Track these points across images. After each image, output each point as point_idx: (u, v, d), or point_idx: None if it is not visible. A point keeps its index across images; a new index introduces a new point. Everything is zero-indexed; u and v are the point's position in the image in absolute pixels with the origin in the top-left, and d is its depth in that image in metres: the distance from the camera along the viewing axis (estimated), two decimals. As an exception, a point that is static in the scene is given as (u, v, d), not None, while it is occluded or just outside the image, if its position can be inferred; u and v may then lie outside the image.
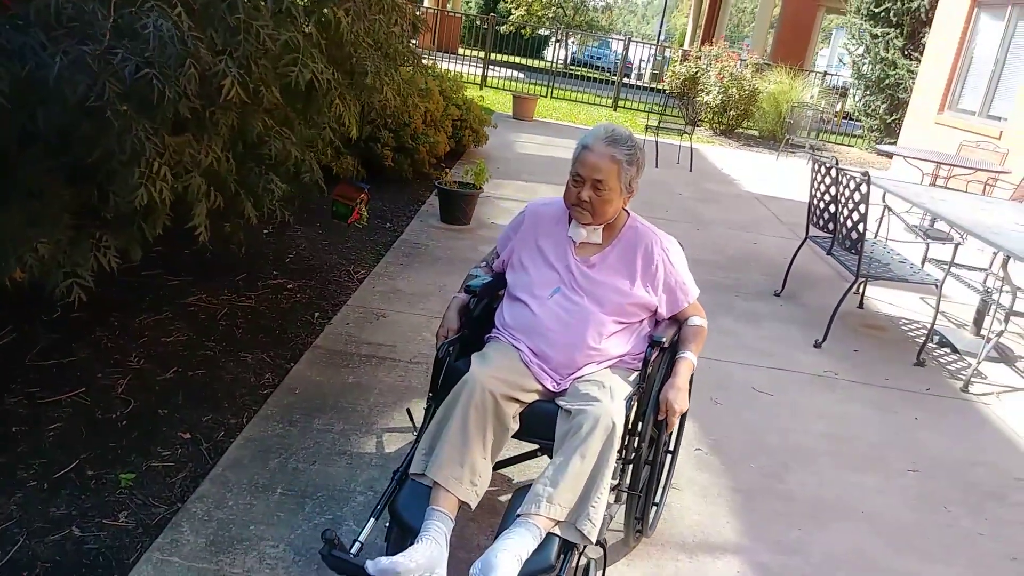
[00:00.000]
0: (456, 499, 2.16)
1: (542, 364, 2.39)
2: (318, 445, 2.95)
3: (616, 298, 2.46)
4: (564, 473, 2.12)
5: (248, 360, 3.50)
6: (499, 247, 2.72)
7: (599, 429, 2.16)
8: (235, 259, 4.45)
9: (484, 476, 2.22)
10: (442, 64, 12.96)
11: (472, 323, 2.60)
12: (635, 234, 2.54)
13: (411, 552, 1.98)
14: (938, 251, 6.18)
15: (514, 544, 2.01)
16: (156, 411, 3.02)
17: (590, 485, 2.13)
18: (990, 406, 4.17)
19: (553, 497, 2.09)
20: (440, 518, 2.11)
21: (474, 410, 2.21)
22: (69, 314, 3.47)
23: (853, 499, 3.13)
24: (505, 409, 2.27)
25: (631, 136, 2.47)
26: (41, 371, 3.15)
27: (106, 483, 2.59)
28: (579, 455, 2.14)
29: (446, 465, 2.17)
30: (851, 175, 4.60)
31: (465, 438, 2.20)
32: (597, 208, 2.43)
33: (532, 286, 2.50)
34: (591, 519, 2.10)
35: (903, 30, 14.28)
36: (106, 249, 2.64)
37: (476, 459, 2.20)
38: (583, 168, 2.41)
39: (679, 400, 2.34)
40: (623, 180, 2.43)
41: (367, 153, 6.65)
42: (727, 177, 10.43)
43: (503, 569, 1.93)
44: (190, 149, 2.54)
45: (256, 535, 2.45)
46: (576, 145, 2.48)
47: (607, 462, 2.15)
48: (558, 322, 2.41)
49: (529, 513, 2.08)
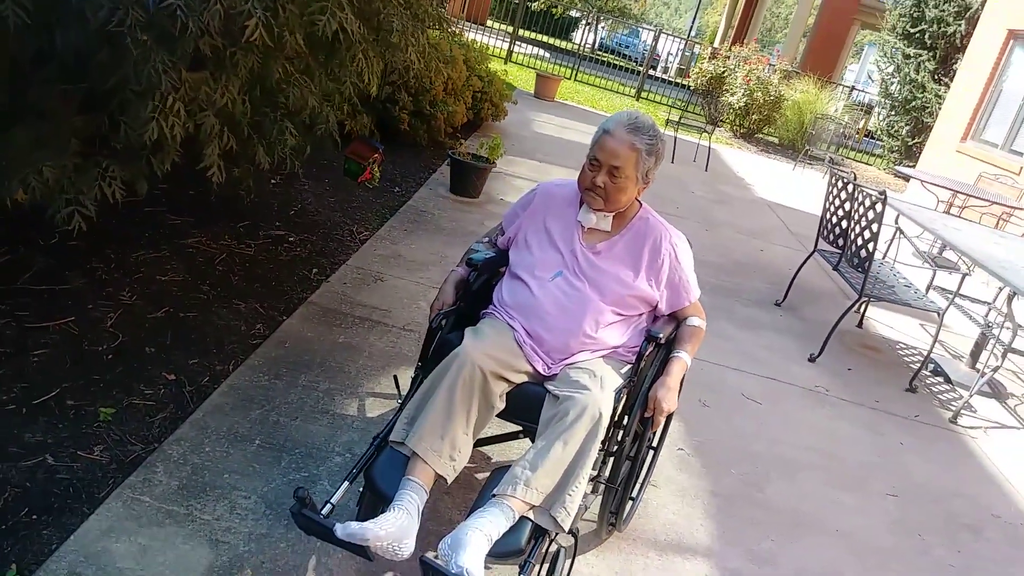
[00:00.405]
0: (433, 472, 2.13)
1: (535, 346, 2.37)
2: (302, 401, 2.93)
3: (618, 288, 2.42)
4: (545, 458, 2.09)
5: (241, 308, 3.48)
6: (505, 223, 2.68)
7: (585, 418, 2.13)
8: (239, 205, 4.41)
9: (464, 452, 2.19)
10: (469, 34, 12.84)
11: (470, 297, 2.57)
12: (645, 226, 2.51)
13: (381, 520, 1.96)
14: (944, 280, 6.15)
15: (486, 523, 1.99)
16: (143, 349, 3.00)
17: (569, 473, 2.10)
18: (976, 440, 4.15)
19: (531, 481, 2.06)
20: (415, 489, 2.08)
21: (461, 384, 2.18)
22: (67, 241, 3.44)
23: (830, 516, 3.12)
24: (493, 387, 2.24)
25: (654, 126, 2.43)
26: (33, 295, 3.12)
27: (85, 415, 2.58)
28: (562, 441, 2.11)
29: (427, 436, 2.14)
30: (868, 192, 4.56)
31: (449, 412, 2.17)
32: (611, 195, 2.39)
33: (534, 266, 2.46)
34: (566, 507, 2.08)
35: (936, 54, 14.15)
36: (112, 179, 2.61)
37: (458, 434, 2.17)
38: (601, 153, 2.37)
39: (668, 399, 2.32)
40: (640, 169, 2.39)
41: (384, 114, 6.60)
42: (742, 181, 10.37)
43: (472, 547, 1.91)
44: (206, 87, 2.50)
45: (229, 484, 2.44)
46: (597, 128, 2.44)
47: (589, 452, 2.13)
48: (556, 306, 2.38)
49: (505, 494, 2.05)
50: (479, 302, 2.59)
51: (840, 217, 5.01)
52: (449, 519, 2.53)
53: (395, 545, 1.95)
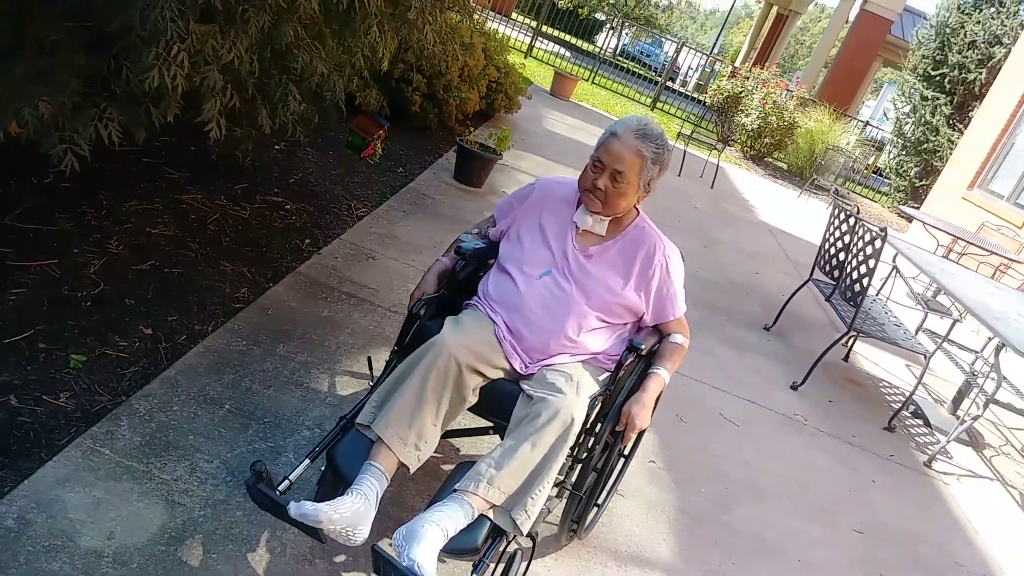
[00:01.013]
0: (396, 459, 2.10)
1: (515, 343, 2.33)
2: (277, 370, 2.89)
3: (605, 295, 2.38)
4: (511, 458, 2.06)
5: (228, 270, 3.43)
6: (498, 215, 2.62)
7: (556, 421, 2.10)
8: (239, 167, 4.37)
9: (430, 442, 2.16)
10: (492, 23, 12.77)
11: (455, 286, 2.53)
12: (641, 234, 2.46)
13: (337, 503, 1.92)
14: (935, 323, 6.13)
15: (443, 518, 1.95)
16: (123, 299, 2.96)
17: (534, 476, 2.07)
18: (949, 486, 4.14)
19: (494, 479, 2.03)
20: (376, 475, 2.05)
21: (435, 374, 2.15)
22: (60, 183, 3.40)
23: (794, 546, 3.10)
24: (467, 380, 2.21)
25: (663, 135, 2.39)
26: (18, 233, 3.08)
27: (55, 360, 2.53)
28: (530, 443, 2.08)
29: (394, 423, 2.10)
30: (868, 227, 4.53)
31: (420, 400, 2.13)
32: (610, 199, 2.35)
33: (523, 262, 2.42)
34: (527, 510, 2.05)
35: (954, 99, 14.14)
36: (109, 122, 2.55)
37: (426, 424, 2.14)
38: (606, 155, 2.33)
39: (641, 416, 2.27)
40: (643, 177, 2.35)
41: (396, 94, 6.54)
42: (746, 202, 10.34)
43: (427, 541, 1.87)
44: (214, 41, 2.45)
45: (193, 446, 2.40)
46: (604, 130, 2.40)
47: (557, 457, 2.09)
48: (541, 304, 2.35)
49: (467, 490, 2.02)
50: (464, 292, 2.55)
51: (838, 249, 4.98)
52: (411, 506, 2.50)
53: (349, 530, 1.91)
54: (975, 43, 13.81)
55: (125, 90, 2.48)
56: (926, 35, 15.08)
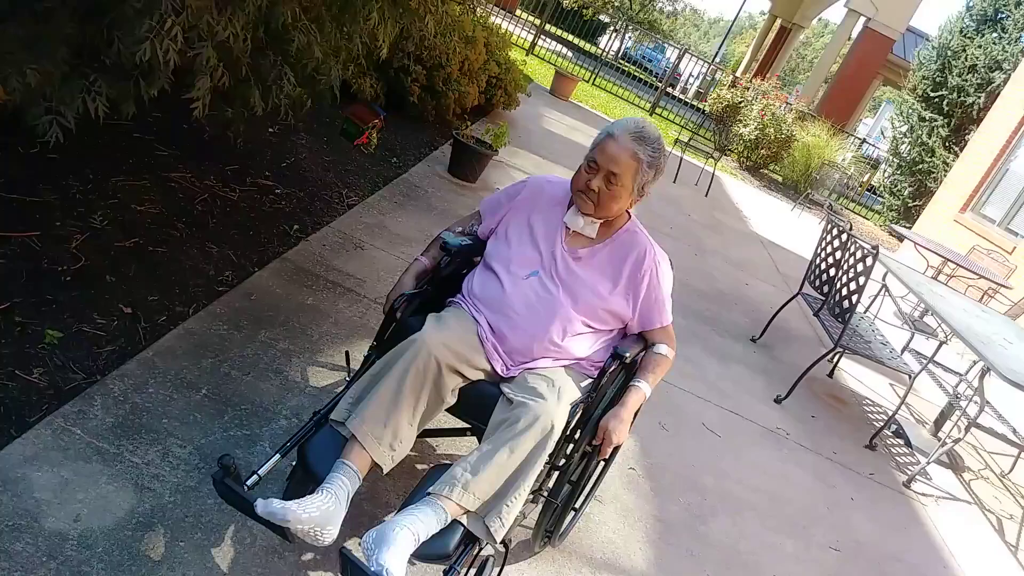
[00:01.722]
0: (370, 459, 2.04)
1: (497, 344, 2.28)
2: (257, 357, 2.85)
3: (592, 300, 2.33)
4: (487, 463, 2.00)
5: (213, 252, 3.38)
6: (486, 212, 2.56)
7: (536, 428, 2.04)
8: (231, 148, 4.32)
9: (405, 443, 2.10)
10: (495, 19, 12.73)
11: (439, 282, 2.47)
12: (632, 238, 2.41)
13: (306, 502, 1.85)
14: (920, 344, 6.13)
15: (415, 522, 1.90)
16: (104, 276, 2.90)
17: (510, 483, 2.02)
18: (926, 508, 4.13)
19: (469, 485, 1.98)
20: (347, 474, 1.99)
21: (414, 372, 2.09)
22: (46, 153, 3.34)
23: (768, 559, 3.07)
24: (446, 380, 2.15)
25: (660, 139, 2.34)
26: (0, 203, 3.02)
27: (31, 334, 2.48)
28: (508, 449, 2.02)
29: (368, 421, 2.05)
30: (860, 244, 4.52)
31: (396, 399, 2.08)
32: (603, 201, 2.30)
33: (510, 261, 2.37)
34: (502, 518, 2.00)
35: (951, 121, 14.18)
36: (97, 95, 2.51)
37: (402, 423, 2.08)
38: (601, 156, 2.28)
39: (618, 431, 2.20)
40: (638, 181, 2.30)
41: (395, 83, 6.50)
42: (739, 212, 10.34)
43: (397, 546, 1.82)
44: (209, 17, 2.40)
45: (167, 430, 2.35)
46: (600, 131, 2.35)
47: (534, 464, 2.04)
48: (526, 306, 2.29)
49: (440, 494, 1.97)
50: (447, 288, 2.49)
51: (829, 264, 4.97)
52: (385, 501, 2.46)
53: (317, 530, 1.85)
54: (975, 67, 13.85)
55: (115, 62, 2.44)
56: (927, 56, 15.12)
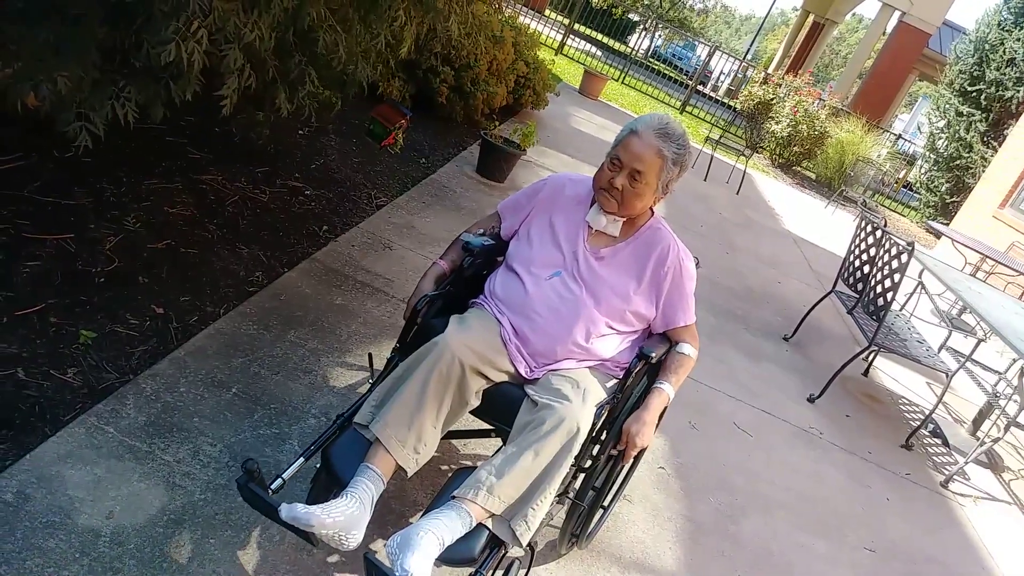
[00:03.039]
0: (394, 462, 2.02)
1: (520, 346, 2.25)
2: (286, 356, 2.87)
3: (616, 302, 2.29)
4: (513, 466, 1.98)
5: (243, 253, 3.42)
6: (506, 212, 2.52)
7: (561, 430, 2.02)
8: (262, 150, 4.36)
9: (429, 445, 2.09)
10: (524, 19, 12.72)
11: (461, 283, 2.44)
12: (654, 235, 2.37)
13: (330, 506, 1.85)
14: (958, 342, 6.02)
15: (440, 526, 1.87)
16: (137, 277, 2.94)
17: (536, 486, 1.99)
18: (964, 508, 4.05)
19: (494, 488, 1.95)
20: (372, 478, 1.98)
21: (437, 375, 2.07)
22: (81, 157, 3.39)
23: (800, 560, 3.04)
24: (470, 382, 2.13)
25: (685, 135, 2.29)
26: (36, 206, 3.07)
27: (65, 335, 2.52)
28: (533, 452, 1.99)
29: (392, 424, 2.03)
30: (895, 241, 4.45)
31: (420, 401, 2.06)
32: (626, 199, 2.26)
33: (532, 262, 2.33)
34: (527, 521, 1.97)
35: (989, 116, 13.93)
36: (126, 100, 2.54)
37: (426, 426, 2.06)
38: (625, 153, 2.24)
39: (642, 434, 2.16)
40: (662, 178, 2.26)
41: (423, 84, 6.52)
42: (771, 210, 10.24)
43: (421, 550, 1.80)
44: (236, 19, 2.43)
45: (197, 428, 2.38)
46: (623, 127, 2.31)
47: (560, 466, 2.02)
48: (548, 308, 2.26)
49: (465, 498, 1.94)
50: (470, 289, 2.47)
51: (863, 261, 4.90)
52: (413, 500, 2.47)
53: (342, 535, 1.84)
54: (1014, 61, 13.59)
55: (145, 65, 2.47)
56: (964, 50, 14.86)
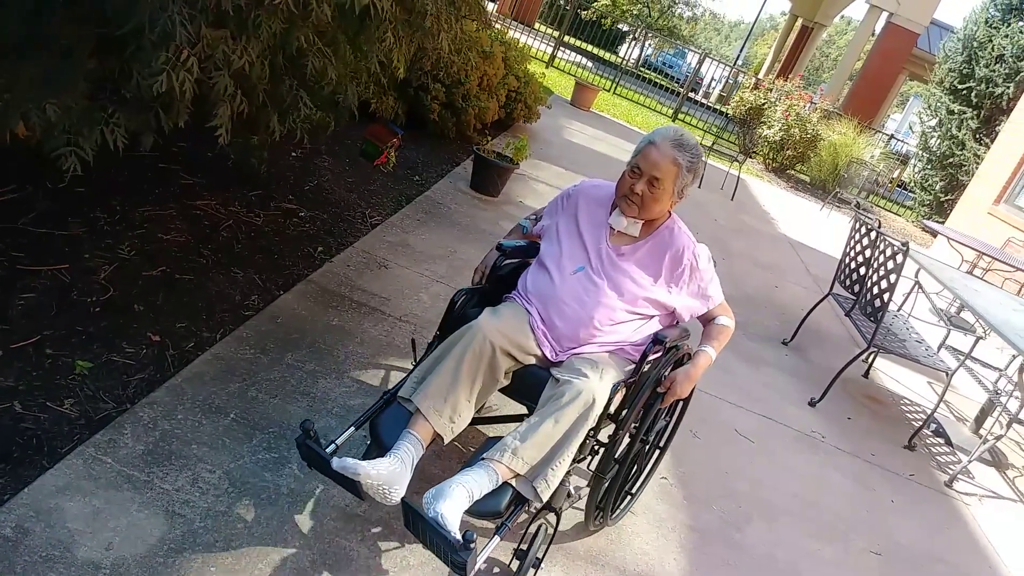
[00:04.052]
0: (432, 429, 2.27)
1: (547, 331, 2.50)
2: (284, 379, 2.86)
3: (635, 289, 2.53)
4: (535, 432, 2.22)
5: (239, 277, 3.42)
6: (546, 213, 2.82)
7: (578, 401, 2.25)
8: (255, 174, 4.36)
9: (464, 416, 2.33)
10: (514, 33, 12.76)
11: (496, 280, 2.72)
12: (670, 235, 2.61)
13: (376, 462, 2.10)
14: (957, 340, 6.02)
15: (469, 481, 2.12)
16: (132, 306, 2.94)
17: (555, 450, 2.22)
18: (970, 507, 4.04)
19: (518, 450, 2.19)
20: (412, 441, 2.23)
21: (471, 354, 2.33)
22: (75, 187, 3.40)
23: (806, 567, 3.03)
24: (500, 362, 2.38)
25: (697, 145, 2.57)
26: (30, 237, 3.08)
27: (62, 366, 2.52)
28: (553, 419, 2.23)
29: (431, 396, 2.29)
30: (890, 242, 4.45)
31: (455, 377, 2.31)
32: (647, 203, 2.51)
33: (560, 259, 2.59)
34: (547, 480, 2.20)
35: (980, 113, 13.98)
36: (116, 127, 2.55)
37: (460, 399, 2.31)
38: (644, 162, 2.50)
39: (683, 385, 2.47)
40: (678, 184, 2.53)
41: (415, 102, 6.55)
42: (766, 215, 10.25)
43: (452, 499, 2.04)
44: (225, 46, 2.43)
45: (196, 455, 2.37)
46: (641, 139, 2.56)
47: (577, 433, 2.24)
48: (574, 298, 2.50)
49: (492, 459, 2.19)
50: (505, 286, 2.73)
51: (859, 263, 4.91)
52: (451, 470, 2.45)
53: (385, 488, 2.08)
54: (1003, 57, 13.66)
55: (135, 95, 2.47)
56: (953, 48, 14.93)
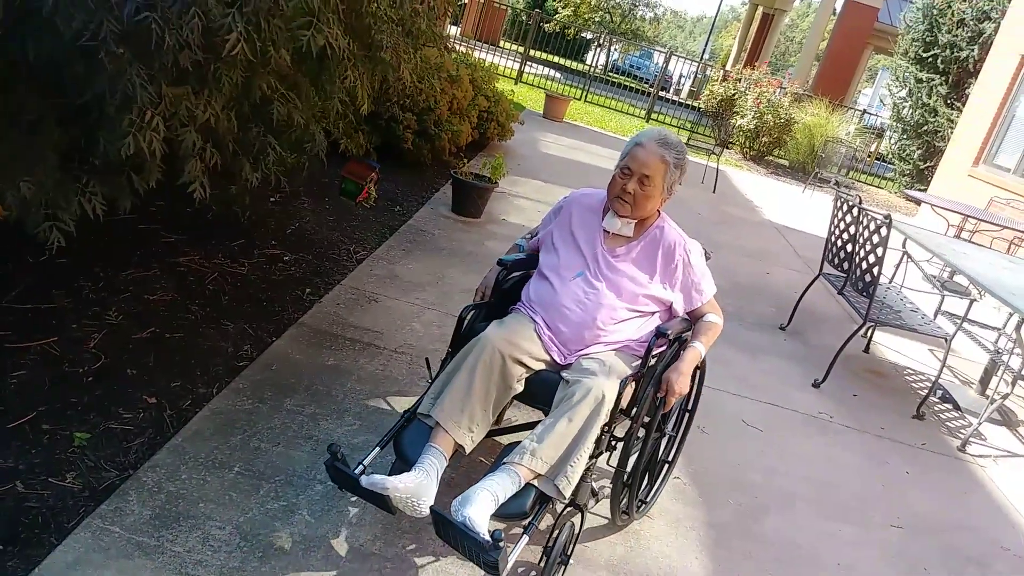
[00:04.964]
0: (453, 440, 2.37)
1: (553, 337, 2.59)
2: (285, 426, 2.85)
3: (633, 288, 2.62)
4: (551, 432, 2.30)
5: (229, 329, 3.41)
6: (540, 227, 2.92)
7: (589, 399, 2.33)
8: (236, 224, 4.36)
9: (482, 425, 2.43)
10: (480, 54, 12.83)
11: (500, 294, 2.80)
12: (661, 233, 2.70)
13: (403, 476, 2.19)
14: (953, 304, 6.03)
15: (493, 485, 2.21)
16: (125, 370, 2.93)
17: (572, 447, 2.30)
18: (985, 469, 4.04)
19: (537, 451, 2.28)
20: (435, 454, 2.32)
21: (481, 365, 2.42)
22: (56, 259, 3.39)
23: (828, 549, 3.01)
24: (511, 370, 2.47)
25: (681, 143, 2.69)
26: (15, 315, 3.06)
27: (60, 439, 2.50)
28: (567, 418, 2.31)
29: (448, 409, 2.38)
30: (873, 216, 4.47)
31: (469, 389, 2.40)
32: (639, 202, 2.60)
33: (559, 267, 2.69)
34: (567, 476, 2.28)
35: (948, 78, 14.08)
36: (92, 195, 2.55)
37: (476, 409, 2.41)
38: (633, 162, 2.60)
39: (679, 382, 2.49)
40: (667, 180, 2.63)
41: (388, 134, 6.56)
42: (749, 203, 10.28)
43: (478, 504, 2.13)
44: (188, 102, 2.44)
45: (204, 514, 2.36)
46: (628, 142, 2.67)
47: (591, 429, 2.32)
48: (575, 302, 2.60)
49: (513, 462, 2.27)
50: (509, 299, 2.81)
51: (845, 240, 4.92)
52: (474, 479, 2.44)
53: (413, 500, 2.17)
54: (964, 21, 13.77)
55: (104, 161, 2.48)
56: (914, 18, 15.05)
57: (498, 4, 24.41)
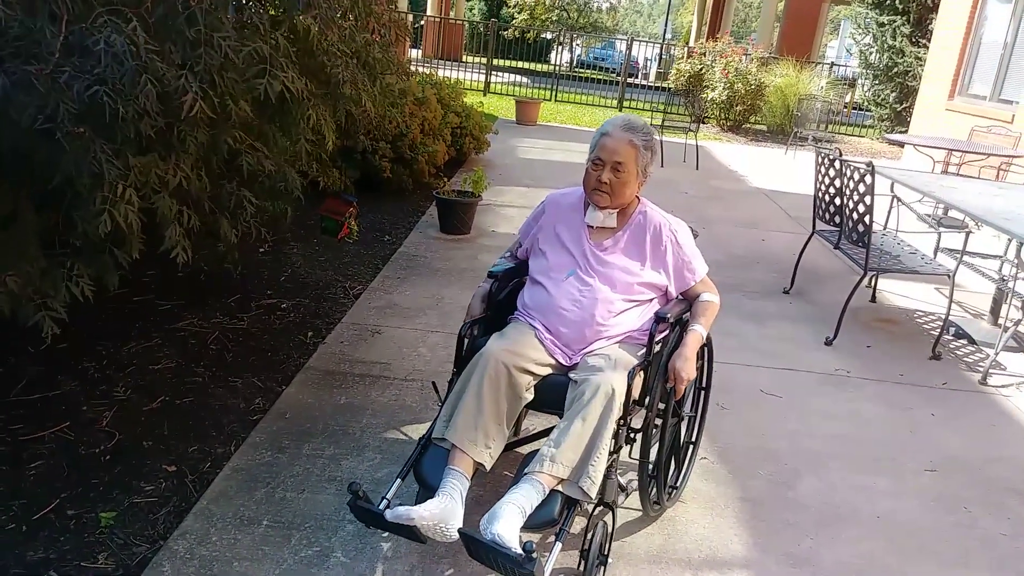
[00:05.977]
0: (471, 460, 2.35)
1: (555, 340, 2.58)
2: (307, 472, 2.85)
3: (626, 278, 2.62)
4: (567, 435, 2.29)
5: (238, 385, 3.41)
6: (522, 236, 2.90)
7: (599, 395, 2.31)
8: (229, 280, 4.37)
9: (498, 440, 2.42)
10: (444, 72, 12.85)
11: (495, 305, 2.77)
12: (645, 218, 2.70)
13: (427, 504, 2.18)
14: (951, 240, 6.02)
15: (518, 498, 2.20)
16: (141, 443, 2.93)
17: (590, 446, 2.29)
18: (1010, 398, 4.02)
19: (556, 456, 2.26)
20: (456, 476, 2.30)
21: (487, 380, 2.40)
22: (56, 344, 3.39)
23: (865, 503, 3.00)
24: (518, 380, 2.45)
25: (647, 124, 2.68)
26: (25, 406, 3.07)
27: (86, 523, 2.50)
28: (580, 419, 2.30)
29: (461, 428, 2.37)
30: (855, 166, 4.47)
31: (479, 405, 2.39)
32: (616, 190, 2.59)
33: (549, 269, 2.68)
34: (590, 476, 2.27)
35: (910, 17, 14.09)
36: (79, 278, 2.55)
37: (490, 425, 2.39)
38: (603, 152, 2.59)
39: (685, 368, 2.46)
40: (640, 164, 2.61)
41: (366, 166, 6.58)
42: (734, 174, 10.28)
43: (506, 519, 2.12)
44: (156, 169, 2.45)
45: (240, 572, 2.35)
46: (595, 133, 2.67)
47: (606, 425, 2.30)
48: (571, 301, 2.59)
49: (535, 471, 2.26)
50: (506, 310, 2.78)
51: (832, 195, 4.92)
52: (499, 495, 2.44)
53: (441, 526, 2.16)
54: (915, -42, 13.78)
55: (85, 240, 2.48)
56: (865, -38, 15.07)
57: (453, 20, 24.50)
